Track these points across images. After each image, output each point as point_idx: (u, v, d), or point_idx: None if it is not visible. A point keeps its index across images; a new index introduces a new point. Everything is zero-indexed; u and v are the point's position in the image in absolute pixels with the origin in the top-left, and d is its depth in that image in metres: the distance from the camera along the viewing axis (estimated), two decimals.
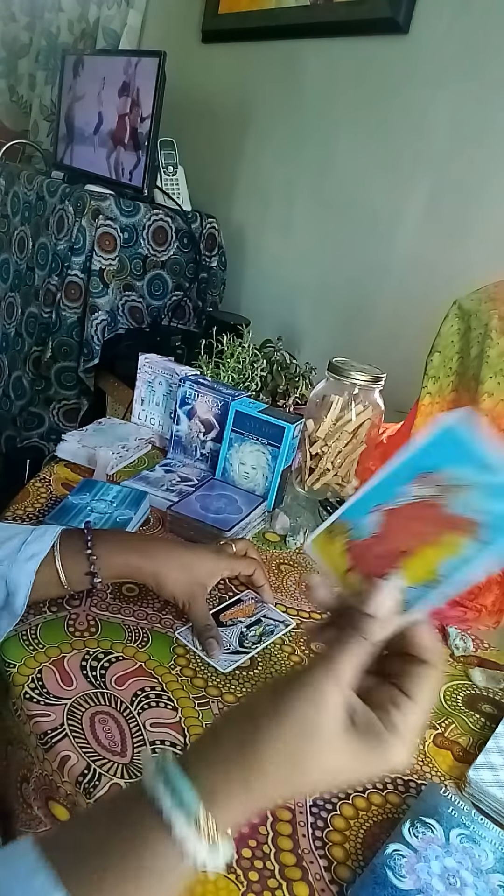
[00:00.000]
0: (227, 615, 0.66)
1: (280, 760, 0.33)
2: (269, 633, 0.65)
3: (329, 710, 0.34)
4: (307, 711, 0.34)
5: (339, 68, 1.37)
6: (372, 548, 0.37)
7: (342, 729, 0.34)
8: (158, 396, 1.04)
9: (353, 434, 0.89)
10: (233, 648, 0.63)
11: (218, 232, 1.63)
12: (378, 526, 0.37)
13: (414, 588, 0.35)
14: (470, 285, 0.86)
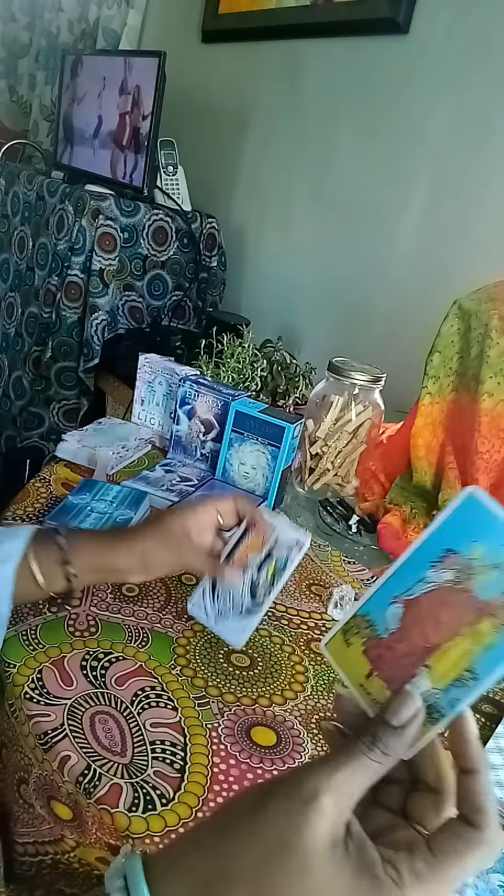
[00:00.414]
0: (235, 560, 0.60)
1: (249, 879, 0.27)
2: (281, 570, 0.58)
3: (315, 823, 0.27)
4: (288, 821, 0.27)
5: (339, 68, 1.37)
6: (394, 647, 0.32)
7: (328, 852, 0.27)
8: (158, 396, 1.04)
9: (353, 434, 0.89)
10: (244, 607, 0.58)
11: (218, 232, 1.63)
12: (399, 620, 0.32)
13: (443, 690, 0.30)
14: (470, 285, 0.86)
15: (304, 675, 0.63)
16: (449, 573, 0.30)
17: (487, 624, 0.29)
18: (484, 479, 0.81)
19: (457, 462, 0.84)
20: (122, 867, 0.30)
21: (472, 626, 0.29)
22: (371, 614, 0.33)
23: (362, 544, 0.87)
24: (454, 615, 0.30)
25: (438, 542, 0.31)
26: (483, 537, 0.29)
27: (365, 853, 0.28)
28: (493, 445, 0.80)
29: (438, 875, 0.27)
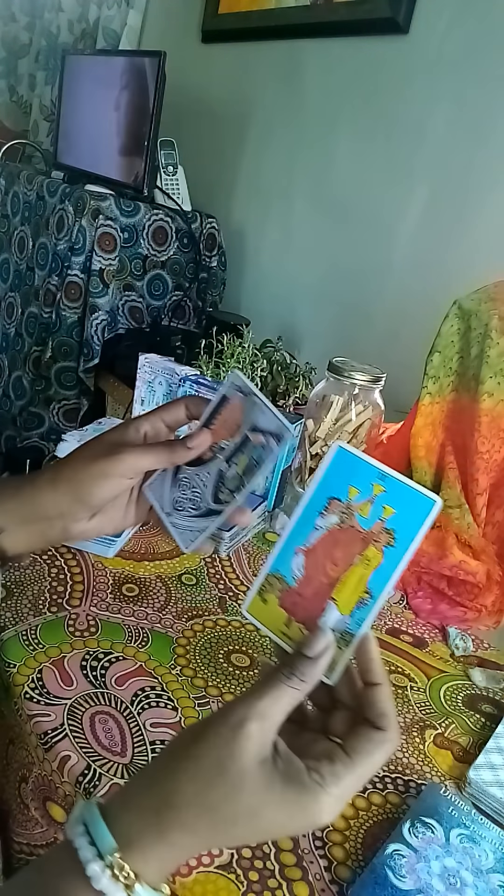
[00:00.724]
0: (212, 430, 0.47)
1: (192, 800, 0.32)
2: (254, 467, 0.44)
3: (244, 746, 0.32)
4: (221, 748, 0.32)
5: (339, 68, 1.37)
6: (303, 591, 0.37)
7: (258, 768, 0.32)
8: (158, 396, 1.04)
9: (353, 434, 0.89)
10: (204, 505, 0.46)
11: (218, 232, 1.63)
12: (303, 568, 0.37)
13: (350, 615, 0.35)
14: (470, 285, 0.86)
15: None
16: (335, 517, 0.36)
17: (372, 549, 0.35)
18: (484, 479, 0.81)
19: (457, 462, 0.84)
20: (81, 815, 0.32)
21: (361, 554, 0.35)
22: (280, 570, 0.38)
23: None
24: (346, 550, 0.36)
25: (322, 493, 0.37)
26: (355, 480, 0.36)
27: (291, 764, 0.32)
28: (493, 445, 0.80)
29: (354, 772, 0.33)
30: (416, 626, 0.75)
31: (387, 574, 0.34)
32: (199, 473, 0.46)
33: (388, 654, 0.69)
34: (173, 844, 0.32)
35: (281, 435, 0.43)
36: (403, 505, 0.35)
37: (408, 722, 0.60)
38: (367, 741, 0.33)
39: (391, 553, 0.34)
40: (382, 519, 0.35)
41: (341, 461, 0.37)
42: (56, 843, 0.33)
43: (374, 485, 0.35)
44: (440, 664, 0.69)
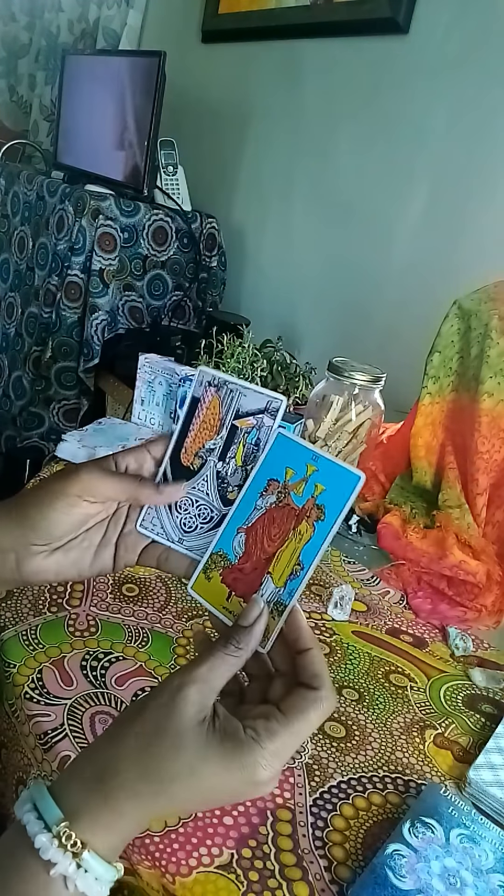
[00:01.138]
0: (188, 448, 0.43)
1: (132, 763, 0.32)
2: (254, 451, 0.41)
3: (182, 708, 0.33)
4: (159, 711, 0.33)
5: (339, 68, 1.37)
6: (243, 567, 0.39)
7: (196, 727, 0.33)
8: (158, 396, 1.04)
9: (353, 434, 0.89)
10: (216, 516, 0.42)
11: (218, 232, 1.63)
12: (244, 545, 0.40)
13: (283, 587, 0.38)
14: (470, 285, 0.86)
15: None
16: (272, 497, 0.39)
17: (304, 524, 0.37)
18: (484, 478, 0.81)
19: (457, 462, 0.84)
20: (30, 794, 0.33)
21: (294, 529, 0.38)
22: (223, 549, 0.40)
23: (362, 544, 0.87)
24: (281, 527, 0.38)
25: (262, 475, 0.40)
26: (291, 462, 0.39)
27: (229, 723, 0.34)
28: (493, 445, 0.80)
29: (289, 728, 0.34)
30: (416, 626, 0.75)
31: (316, 546, 0.37)
32: (194, 486, 0.43)
33: (388, 654, 0.69)
34: (118, 811, 0.32)
35: (272, 408, 0.41)
36: (332, 481, 0.37)
37: (408, 722, 0.60)
38: (302, 699, 0.34)
39: (321, 527, 0.37)
40: (314, 496, 0.37)
41: (280, 445, 0.39)
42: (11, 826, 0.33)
43: (308, 465, 0.38)
44: (440, 664, 0.69)
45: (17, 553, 0.40)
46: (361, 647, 0.69)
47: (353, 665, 0.66)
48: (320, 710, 0.34)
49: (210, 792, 0.33)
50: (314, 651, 0.36)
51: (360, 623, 0.73)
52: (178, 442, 0.43)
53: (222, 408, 0.42)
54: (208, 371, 0.42)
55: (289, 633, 0.37)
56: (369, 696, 0.62)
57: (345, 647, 0.68)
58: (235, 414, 0.42)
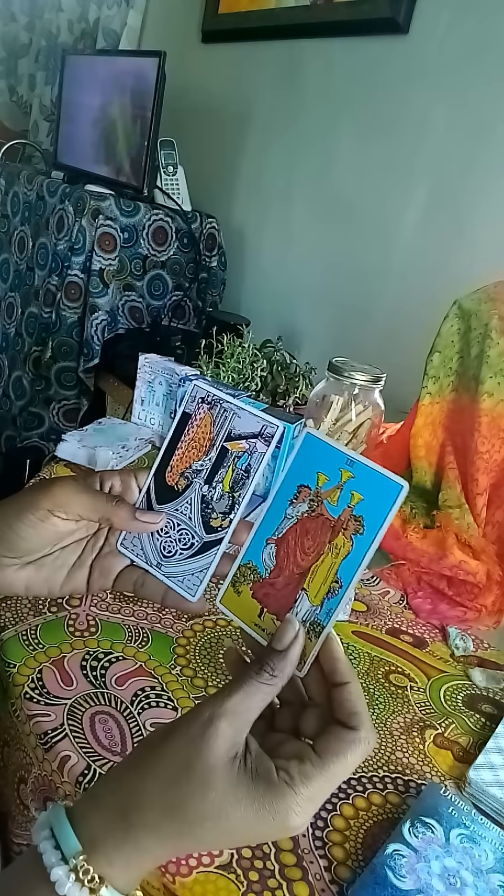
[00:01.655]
0: (174, 467, 0.41)
1: (158, 800, 0.30)
2: (243, 477, 0.39)
3: (213, 744, 0.31)
4: (189, 745, 0.31)
5: (339, 68, 1.37)
6: (275, 582, 0.36)
7: (227, 766, 0.30)
8: (158, 396, 1.04)
9: (353, 434, 0.89)
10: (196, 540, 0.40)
11: (218, 232, 1.63)
12: (274, 558, 0.37)
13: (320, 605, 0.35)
14: (470, 285, 0.86)
15: None
16: (304, 505, 0.36)
17: (341, 538, 0.34)
18: (484, 479, 0.81)
19: (457, 462, 0.84)
20: (48, 819, 0.31)
21: (330, 543, 0.35)
22: (252, 560, 0.37)
23: None
24: (316, 539, 0.35)
25: (291, 481, 0.37)
26: (323, 467, 0.35)
27: (261, 763, 0.31)
28: (493, 445, 0.80)
29: (324, 772, 0.31)
30: (416, 626, 0.75)
31: (355, 562, 0.34)
32: (178, 508, 0.40)
33: (388, 654, 0.69)
34: (140, 847, 0.30)
35: (266, 433, 0.38)
36: (371, 490, 0.34)
37: (408, 722, 0.60)
38: (338, 741, 0.32)
39: (360, 541, 0.34)
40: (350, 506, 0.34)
41: (310, 448, 0.36)
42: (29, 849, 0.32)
43: (343, 471, 0.35)
44: (440, 664, 0.69)
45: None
46: (361, 647, 0.69)
47: (353, 665, 0.66)
48: (358, 752, 0.32)
49: (237, 834, 0.31)
50: (352, 686, 0.34)
51: (360, 623, 0.73)
52: (165, 459, 0.41)
53: (214, 427, 0.40)
54: (203, 386, 0.40)
55: (324, 663, 0.34)
56: (369, 696, 0.62)
57: (345, 647, 0.68)
58: (227, 435, 0.39)
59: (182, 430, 0.41)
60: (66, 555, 0.42)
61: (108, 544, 0.42)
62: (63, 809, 0.32)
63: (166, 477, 0.41)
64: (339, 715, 0.33)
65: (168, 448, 0.41)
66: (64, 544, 0.41)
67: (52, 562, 0.41)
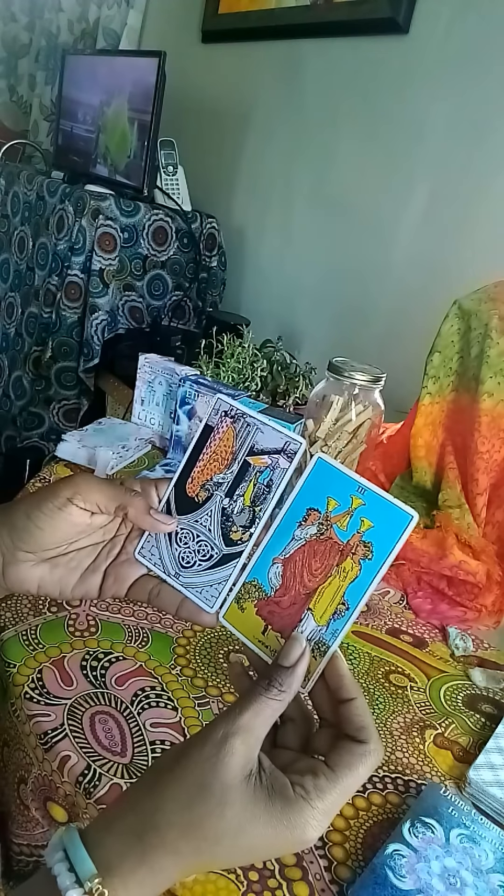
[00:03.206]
0: (195, 478, 0.41)
1: (174, 820, 0.31)
2: (264, 492, 0.39)
3: (227, 763, 0.31)
4: (204, 765, 0.31)
5: (339, 68, 1.37)
6: (280, 601, 0.37)
7: (243, 784, 0.31)
8: (158, 396, 1.04)
9: (353, 434, 0.89)
10: (216, 555, 0.40)
11: (218, 232, 1.63)
12: (280, 577, 0.37)
13: (325, 625, 0.36)
14: (470, 285, 0.86)
15: None
16: (313, 528, 0.37)
17: (349, 561, 0.35)
18: (484, 479, 0.81)
19: (457, 462, 0.84)
20: (61, 841, 0.31)
21: (338, 566, 0.36)
22: (258, 579, 0.38)
23: None
24: (323, 561, 0.36)
25: (301, 504, 0.37)
26: (334, 492, 0.36)
27: (276, 779, 0.32)
28: (493, 445, 0.80)
29: (338, 786, 0.32)
30: (416, 626, 0.75)
31: (363, 586, 0.35)
32: (197, 520, 0.40)
33: (388, 654, 0.69)
34: (156, 868, 0.31)
35: (289, 449, 0.39)
36: (381, 518, 0.35)
37: (408, 722, 0.60)
38: (350, 754, 0.33)
39: (368, 566, 0.35)
40: (360, 532, 0.35)
41: (321, 472, 0.37)
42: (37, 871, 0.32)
43: (353, 497, 0.36)
44: (440, 664, 0.69)
45: (4, 557, 0.40)
46: (361, 647, 0.69)
47: (353, 665, 0.66)
48: (369, 763, 0.33)
49: (254, 850, 0.32)
50: (358, 701, 0.35)
51: (360, 623, 0.73)
52: (186, 470, 0.41)
53: (236, 441, 0.40)
54: (226, 400, 0.41)
55: (330, 680, 0.35)
56: (369, 696, 0.62)
57: (345, 647, 0.68)
58: (250, 450, 0.40)
59: (204, 442, 0.41)
60: (81, 557, 0.42)
61: (124, 552, 0.42)
62: (76, 832, 0.32)
63: (187, 488, 0.41)
64: (348, 730, 0.34)
65: (189, 460, 0.41)
66: (80, 545, 0.42)
67: (67, 562, 0.41)
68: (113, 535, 0.43)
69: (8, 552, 0.40)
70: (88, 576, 0.42)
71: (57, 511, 0.39)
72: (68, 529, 0.40)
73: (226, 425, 0.41)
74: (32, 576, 0.40)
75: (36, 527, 0.39)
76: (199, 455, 0.41)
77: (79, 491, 0.39)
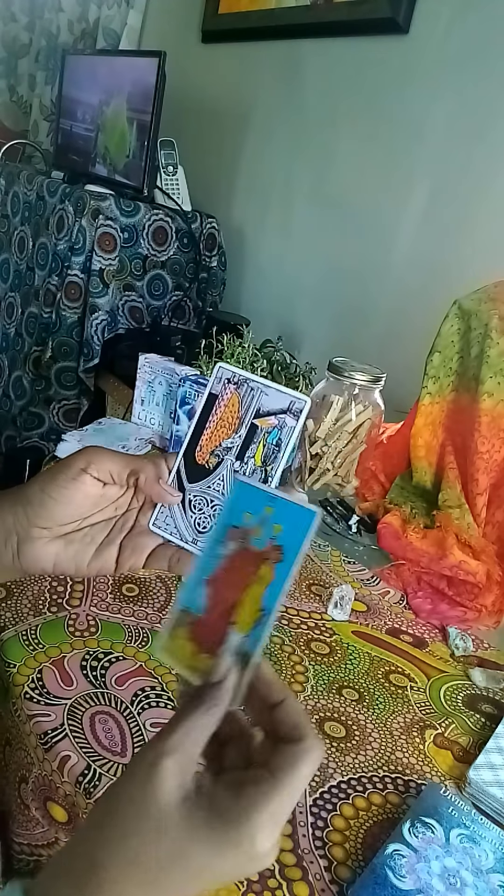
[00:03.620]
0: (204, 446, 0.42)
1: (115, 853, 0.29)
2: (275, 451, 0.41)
3: (160, 786, 0.29)
4: (137, 793, 0.30)
5: (339, 68, 1.37)
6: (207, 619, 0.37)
7: (180, 806, 0.29)
8: (158, 396, 1.04)
9: (353, 434, 0.89)
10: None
11: (218, 232, 1.63)
12: (207, 598, 0.38)
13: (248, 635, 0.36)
14: (470, 285, 0.87)
15: (304, 675, 0.63)
16: (233, 543, 0.37)
17: (265, 568, 0.36)
18: (484, 478, 0.81)
19: (457, 462, 0.84)
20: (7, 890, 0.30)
21: (256, 574, 0.36)
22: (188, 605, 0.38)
23: (362, 544, 0.87)
24: (243, 572, 0.36)
25: (223, 524, 0.38)
26: (249, 507, 0.37)
27: (216, 797, 0.30)
28: (493, 445, 0.80)
29: (282, 789, 0.30)
30: (416, 626, 0.75)
31: (277, 589, 0.35)
32: (210, 485, 0.42)
33: (388, 654, 0.69)
34: None
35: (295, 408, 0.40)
36: (289, 521, 0.36)
37: (408, 722, 0.60)
38: (289, 755, 0.31)
39: (280, 568, 0.35)
40: (273, 537, 0.36)
41: (240, 492, 0.38)
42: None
43: (266, 507, 0.37)
44: (440, 664, 0.69)
45: (19, 535, 0.40)
46: (361, 647, 0.69)
47: (353, 665, 0.66)
48: (310, 760, 0.31)
49: (206, 874, 0.30)
50: (288, 700, 0.33)
51: (360, 623, 0.73)
52: (194, 439, 0.42)
53: (242, 406, 0.41)
54: (228, 367, 0.41)
55: (258, 686, 0.34)
56: (369, 696, 0.62)
57: (345, 647, 0.68)
58: (256, 413, 0.41)
59: (209, 410, 0.41)
60: (94, 532, 0.42)
61: (138, 524, 0.43)
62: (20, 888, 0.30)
63: (196, 457, 0.42)
64: (283, 732, 0.33)
65: (196, 429, 0.42)
66: (94, 520, 0.42)
67: (82, 538, 0.42)
68: (125, 510, 0.43)
69: (23, 530, 0.40)
70: (103, 550, 0.42)
71: (71, 482, 0.39)
72: (82, 501, 0.40)
73: (230, 391, 0.41)
74: (48, 553, 0.41)
75: (50, 498, 0.39)
76: (206, 423, 0.42)
77: (92, 461, 0.39)
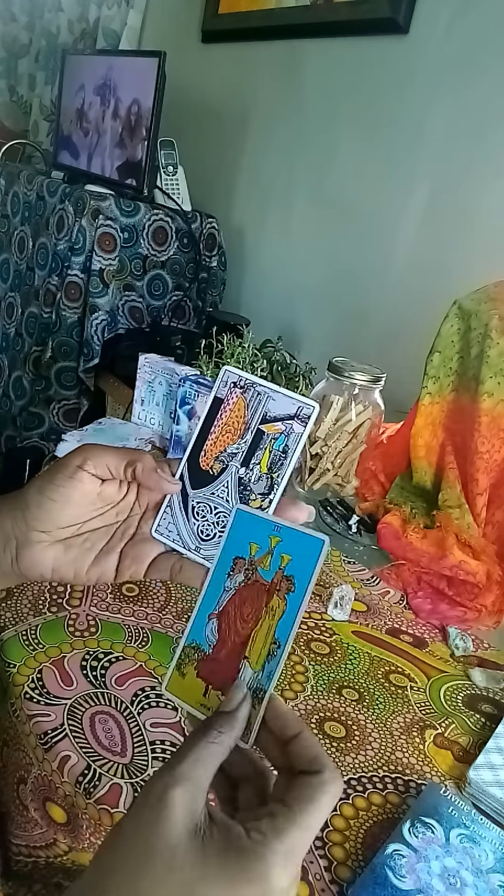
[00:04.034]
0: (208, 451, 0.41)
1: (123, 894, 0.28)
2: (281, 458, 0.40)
3: (170, 817, 0.28)
4: (145, 824, 0.28)
5: (339, 68, 1.37)
6: (218, 656, 0.37)
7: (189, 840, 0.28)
8: (158, 396, 1.04)
9: (353, 434, 0.89)
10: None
11: (218, 232, 1.63)
12: (216, 632, 0.37)
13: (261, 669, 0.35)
14: (470, 285, 0.87)
15: (304, 675, 0.63)
16: (240, 575, 0.37)
17: (275, 599, 0.35)
18: (484, 479, 0.81)
19: (457, 462, 0.84)
20: None
21: (266, 606, 0.35)
22: (196, 640, 0.37)
23: (362, 544, 0.87)
24: (253, 605, 0.36)
25: (227, 556, 0.37)
26: (255, 537, 0.36)
27: (229, 831, 0.29)
28: (493, 445, 0.80)
29: (298, 822, 0.29)
30: (416, 626, 0.75)
31: (290, 621, 0.35)
32: (213, 492, 0.41)
33: (388, 654, 0.69)
34: None
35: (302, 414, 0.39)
36: (297, 550, 0.35)
37: (408, 722, 0.60)
38: (306, 788, 0.30)
39: (292, 598, 0.35)
40: (281, 568, 0.35)
41: (241, 522, 0.37)
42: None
43: (271, 537, 0.36)
44: (440, 664, 0.69)
45: (18, 540, 0.39)
46: (361, 647, 0.69)
47: (353, 665, 0.66)
48: (329, 793, 0.30)
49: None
50: (305, 734, 0.32)
51: (360, 623, 0.73)
52: (198, 444, 0.41)
53: (248, 411, 0.40)
54: (234, 371, 0.40)
55: (272, 721, 0.33)
56: (369, 696, 0.62)
57: (345, 647, 0.68)
58: (262, 418, 0.40)
59: (214, 415, 0.40)
60: (95, 538, 0.41)
61: (139, 532, 0.42)
62: None
63: (200, 462, 0.41)
64: (301, 765, 0.31)
65: (200, 433, 0.41)
66: (94, 525, 0.41)
67: (81, 543, 0.41)
68: (126, 516, 0.42)
69: (21, 534, 0.39)
70: (103, 558, 0.41)
71: (68, 480, 0.38)
72: (81, 499, 0.39)
73: (236, 396, 0.40)
74: (46, 557, 0.40)
75: (49, 499, 0.39)
76: (211, 428, 0.41)
77: (88, 457, 0.39)
